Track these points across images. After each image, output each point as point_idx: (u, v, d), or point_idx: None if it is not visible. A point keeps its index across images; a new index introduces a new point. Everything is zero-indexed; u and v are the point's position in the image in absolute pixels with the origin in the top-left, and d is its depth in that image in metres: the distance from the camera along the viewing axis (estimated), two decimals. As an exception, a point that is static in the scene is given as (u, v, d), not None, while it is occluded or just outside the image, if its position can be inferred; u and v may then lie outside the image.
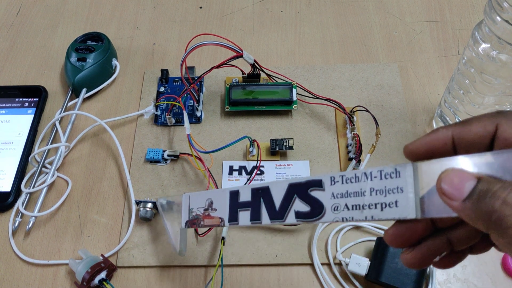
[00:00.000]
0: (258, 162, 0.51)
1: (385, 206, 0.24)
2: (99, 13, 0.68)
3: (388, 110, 0.55)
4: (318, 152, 0.53)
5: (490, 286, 0.44)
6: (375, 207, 0.25)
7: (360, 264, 0.43)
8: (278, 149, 0.52)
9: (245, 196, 0.32)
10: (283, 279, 0.46)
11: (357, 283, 0.44)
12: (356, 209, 0.26)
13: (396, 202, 0.24)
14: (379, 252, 0.43)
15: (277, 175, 0.51)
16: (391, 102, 0.56)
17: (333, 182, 0.27)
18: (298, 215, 0.28)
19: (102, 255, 0.46)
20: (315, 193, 0.28)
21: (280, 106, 0.55)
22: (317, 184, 0.28)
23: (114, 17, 0.67)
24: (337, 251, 0.46)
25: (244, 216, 0.31)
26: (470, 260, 0.46)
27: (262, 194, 0.30)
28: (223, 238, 0.46)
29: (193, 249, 0.47)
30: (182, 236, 0.43)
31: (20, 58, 0.63)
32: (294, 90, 0.55)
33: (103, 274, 0.44)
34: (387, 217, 0.24)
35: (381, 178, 0.25)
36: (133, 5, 0.68)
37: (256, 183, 0.49)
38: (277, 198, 0.30)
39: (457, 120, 0.49)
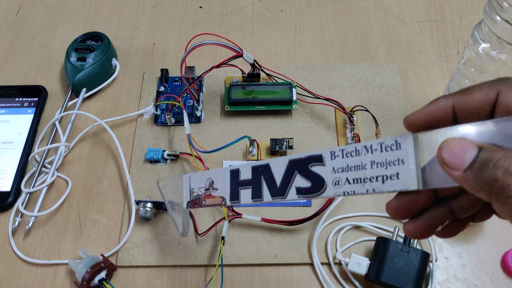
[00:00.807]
0: (258, 161, 0.51)
1: (387, 179, 0.24)
2: (99, 13, 0.68)
3: (388, 110, 0.55)
4: (318, 151, 0.52)
5: (490, 285, 0.44)
6: (376, 180, 0.25)
7: (360, 264, 0.43)
8: (278, 149, 0.52)
9: (246, 174, 0.31)
10: (283, 279, 0.46)
11: (357, 283, 0.44)
12: (357, 182, 0.25)
13: (397, 174, 0.24)
14: (379, 252, 0.43)
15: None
16: (391, 102, 0.56)
17: (333, 157, 0.27)
18: (299, 191, 0.28)
19: (102, 255, 0.46)
20: (316, 168, 0.27)
21: (280, 106, 0.55)
22: (318, 159, 0.27)
23: (114, 17, 0.67)
24: (337, 251, 0.46)
25: (246, 194, 0.31)
26: (470, 260, 0.46)
27: (262, 171, 0.30)
28: (223, 238, 0.46)
29: (193, 248, 0.47)
30: (184, 216, 0.42)
31: (20, 58, 0.63)
32: (294, 89, 0.55)
33: (103, 274, 0.44)
34: (388, 189, 0.24)
35: (381, 151, 0.25)
36: (133, 5, 0.68)
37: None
38: (278, 175, 0.29)
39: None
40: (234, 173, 0.32)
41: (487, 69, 0.41)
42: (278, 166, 0.29)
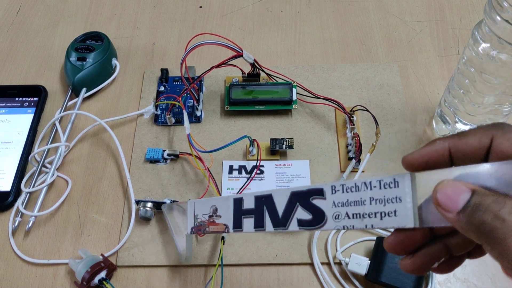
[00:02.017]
0: (258, 161, 0.51)
1: (385, 215, 0.25)
2: (99, 12, 0.68)
3: (388, 109, 0.55)
4: (318, 151, 0.53)
5: (490, 285, 0.44)
6: (375, 216, 0.25)
7: (360, 264, 0.43)
8: (278, 149, 0.52)
9: (249, 203, 0.32)
10: (283, 279, 0.46)
11: (357, 283, 0.44)
12: (356, 217, 0.26)
13: (395, 211, 0.25)
14: (379, 252, 0.43)
15: (277, 175, 0.51)
16: (391, 101, 0.56)
17: (334, 191, 0.28)
18: (301, 223, 0.29)
19: (102, 255, 0.46)
20: (317, 202, 0.28)
21: (280, 106, 0.55)
22: (319, 192, 0.28)
23: (114, 17, 0.67)
24: (337, 251, 0.46)
25: (248, 223, 0.32)
26: (470, 259, 0.46)
27: (265, 201, 0.31)
28: (223, 238, 0.46)
29: (193, 248, 0.47)
30: (188, 242, 0.44)
31: (20, 58, 0.63)
32: (294, 89, 0.55)
33: (103, 274, 0.44)
34: (386, 226, 0.25)
35: (380, 188, 0.26)
36: (133, 5, 0.68)
37: (259, 190, 0.49)
38: (280, 206, 0.30)
39: (457, 120, 0.49)
40: (238, 202, 0.33)
41: (487, 69, 0.41)
42: (281, 197, 0.30)
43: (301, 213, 0.29)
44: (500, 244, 0.20)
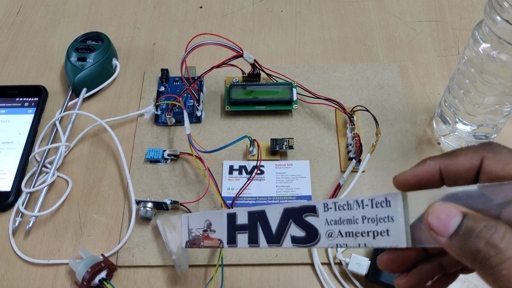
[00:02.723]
0: (258, 161, 0.51)
1: (377, 235, 0.25)
2: (99, 12, 0.68)
3: (388, 110, 0.55)
4: (318, 151, 0.53)
5: (490, 285, 0.44)
6: (368, 235, 0.25)
7: (360, 264, 0.43)
8: (278, 149, 0.52)
9: (242, 218, 0.32)
10: (283, 279, 0.46)
11: (357, 283, 0.44)
12: (349, 236, 0.26)
13: (387, 230, 0.25)
14: (379, 252, 0.43)
15: (277, 175, 0.51)
16: (391, 102, 0.56)
17: (326, 209, 0.27)
18: (294, 240, 0.29)
19: (102, 255, 0.46)
20: (310, 219, 0.28)
21: (280, 106, 0.55)
22: (311, 210, 0.28)
23: (114, 17, 0.67)
24: (337, 251, 0.46)
25: (242, 239, 0.32)
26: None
27: (258, 217, 0.31)
28: (223, 238, 0.46)
29: (193, 248, 0.47)
30: (183, 255, 0.44)
31: (20, 58, 0.63)
32: (294, 89, 0.55)
33: (103, 274, 0.44)
34: (379, 245, 0.25)
35: (372, 207, 0.26)
36: (133, 5, 0.68)
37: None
38: (273, 222, 0.30)
39: (457, 120, 0.49)
40: (231, 217, 0.33)
41: (487, 69, 0.41)
42: (274, 214, 0.30)
43: (294, 230, 0.29)
44: (493, 271, 0.20)
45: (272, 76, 0.55)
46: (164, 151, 0.53)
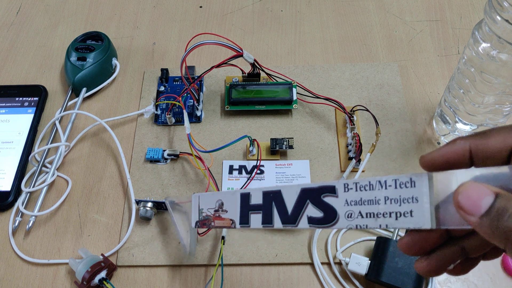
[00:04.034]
0: (258, 161, 0.51)
1: (400, 216, 0.24)
2: (99, 12, 0.68)
3: (388, 109, 0.55)
4: (318, 151, 0.53)
5: (490, 285, 0.44)
6: (390, 216, 0.25)
7: (360, 264, 0.43)
8: (278, 149, 0.52)
9: (256, 198, 0.31)
10: (283, 279, 0.46)
11: (357, 283, 0.44)
12: (370, 217, 0.26)
13: (411, 211, 0.24)
14: (379, 252, 0.43)
15: (277, 175, 0.51)
16: (391, 101, 0.56)
17: (346, 189, 0.27)
18: (311, 220, 0.28)
19: (102, 255, 0.46)
20: (328, 199, 0.28)
21: (280, 106, 0.55)
22: (330, 190, 0.27)
23: (114, 17, 0.67)
24: (337, 251, 0.46)
25: (256, 219, 0.31)
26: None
27: (273, 197, 0.30)
28: (223, 238, 0.46)
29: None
30: (192, 236, 0.43)
31: (20, 58, 0.63)
32: (294, 89, 0.55)
33: (103, 274, 0.44)
34: (401, 226, 0.24)
35: (395, 187, 0.25)
36: (133, 5, 0.68)
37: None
38: (289, 202, 0.29)
39: (456, 120, 0.49)
40: (245, 197, 0.32)
41: (487, 68, 0.41)
42: (290, 194, 0.29)
43: (311, 211, 0.28)
44: None
45: (272, 75, 0.55)
46: (164, 150, 0.53)
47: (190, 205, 0.38)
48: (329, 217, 0.27)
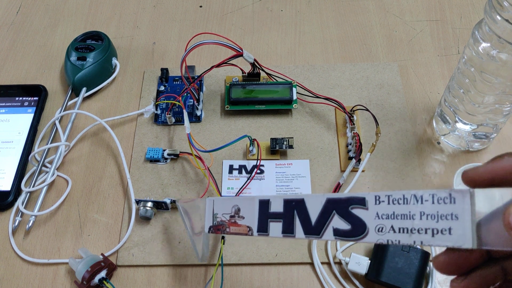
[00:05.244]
0: (258, 161, 0.51)
1: (437, 233, 0.23)
2: (99, 12, 0.68)
3: (388, 109, 0.55)
4: (318, 151, 0.52)
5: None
6: (426, 233, 0.24)
7: (360, 263, 0.43)
8: (278, 148, 0.51)
9: (277, 206, 0.30)
10: (283, 278, 0.46)
11: (357, 282, 0.44)
12: (403, 232, 0.24)
13: (449, 229, 0.23)
14: (379, 251, 0.43)
15: (277, 174, 0.51)
16: (391, 101, 0.56)
17: (378, 201, 0.26)
18: (337, 232, 0.27)
19: (102, 254, 0.46)
20: (357, 211, 0.26)
21: (280, 105, 0.55)
22: (360, 202, 0.26)
23: (114, 16, 0.67)
24: (337, 250, 0.46)
25: (275, 228, 0.30)
26: None
27: (296, 206, 0.29)
28: (223, 237, 0.46)
29: (193, 248, 0.47)
30: (205, 241, 0.41)
31: (20, 57, 0.63)
32: (294, 89, 0.55)
33: (103, 273, 0.44)
34: (438, 244, 0.23)
35: (433, 203, 0.24)
36: (133, 4, 0.68)
37: (260, 189, 0.48)
38: (313, 212, 0.28)
39: (456, 119, 0.49)
40: (264, 204, 0.31)
41: (487, 68, 0.41)
42: (314, 203, 0.28)
43: (337, 222, 0.27)
44: None
45: (272, 75, 0.55)
46: (164, 150, 0.53)
47: (199, 208, 0.36)
48: (357, 230, 0.26)
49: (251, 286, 0.45)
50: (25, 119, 0.56)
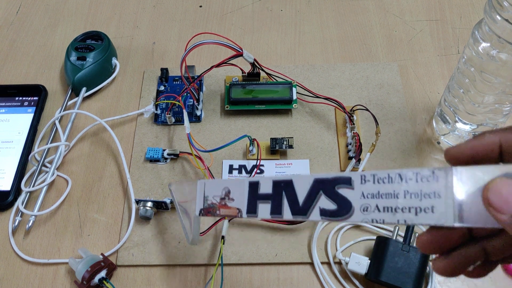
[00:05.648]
0: (258, 161, 0.51)
1: (420, 211, 0.23)
2: (99, 12, 0.68)
3: (388, 109, 0.55)
4: (318, 151, 0.53)
5: (490, 285, 0.44)
6: (409, 211, 0.24)
7: (360, 263, 0.43)
8: (278, 148, 0.51)
9: (266, 188, 0.30)
10: (283, 278, 0.46)
11: (357, 282, 0.44)
12: (388, 211, 0.24)
13: (432, 207, 0.23)
14: (379, 251, 0.43)
15: (277, 174, 0.51)
16: (391, 101, 0.56)
17: (363, 181, 0.26)
18: (323, 212, 0.27)
19: (102, 254, 0.46)
20: (343, 191, 0.26)
21: (280, 105, 0.55)
22: (346, 181, 0.26)
23: (114, 16, 0.67)
24: (337, 250, 0.46)
25: (264, 209, 0.30)
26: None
27: (284, 187, 0.29)
28: (223, 237, 0.46)
29: (193, 248, 0.47)
30: (195, 224, 0.41)
31: (20, 57, 0.63)
32: (294, 89, 0.55)
33: (103, 273, 0.44)
34: (421, 222, 0.23)
35: (416, 181, 0.24)
36: (133, 4, 0.68)
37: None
38: (301, 192, 0.28)
39: (456, 119, 0.49)
40: (253, 186, 0.31)
41: (487, 68, 0.41)
42: (302, 184, 0.28)
43: (324, 202, 0.27)
44: None
45: (271, 75, 0.55)
46: (164, 150, 0.53)
47: (191, 191, 0.37)
48: (343, 209, 0.26)
49: (251, 286, 0.45)
50: (25, 119, 0.56)
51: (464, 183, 0.22)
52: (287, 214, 0.29)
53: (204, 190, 0.35)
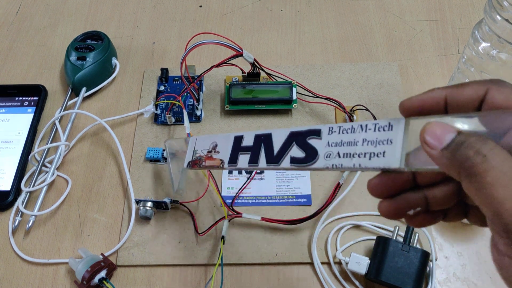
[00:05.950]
0: (258, 161, 0.51)
1: (373, 156, 0.25)
2: (99, 12, 0.68)
3: (388, 109, 0.55)
4: (318, 151, 0.52)
5: (490, 285, 0.44)
6: (364, 156, 0.26)
7: (360, 263, 0.43)
8: (278, 148, 0.51)
9: (248, 141, 0.33)
10: (283, 278, 0.46)
11: (357, 282, 0.44)
12: (346, 157, 0.27)
13: (384, 152, 0.25)
14: (379, 251, 0.43)
15: (277, 174, 0.51)
16: (391, 101, 0.56)
17: (330, 132, 0.28)
18: (293, 160, 0.29)
19: (102, 254, 0.46)
20: (312, 141, 0.29)
21: (280, 105, 0.55)
22: (316, 133, 0.28)
23: (114, 16, 0.67)
24: (337, 250, 0.46)
25: (243, 159, 0.32)
26: (470, 259, 0.46)
27: (264, 139, 0.31)
28: (223, 237, 0.46)
29: (193, 248, 0.47)
30: (183, 175, 0.44)
31: (20, 57, 0.63)
32: (294, 89, 0.55)
33: (103, 273, 0.44)
34: (373, 165, 0.25)
35: (374, 130, 0.26)
36: (133, 4, 0.68)
37: (259, 189, 0.50)
38: (277, 144, 0.31)
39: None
40: (238, 139, 0.33)
41: (487, 68, 0.41)
42: (279, 136, 0.31)
43: (295, 151, 0.29)
44: (479, 179, 0.20)
45: (271, 75, 0.55)
46: (164, 150, 0.53)
47: (184, 147, 0.39)
48: (309, 157, 0.28)
49: (251, 286, 0.45)
50: (25, 119, 0.56)
51: (413, 131, 0.24)
52: (262, 163, 0.31)
53: (195, 144, 0.37)
